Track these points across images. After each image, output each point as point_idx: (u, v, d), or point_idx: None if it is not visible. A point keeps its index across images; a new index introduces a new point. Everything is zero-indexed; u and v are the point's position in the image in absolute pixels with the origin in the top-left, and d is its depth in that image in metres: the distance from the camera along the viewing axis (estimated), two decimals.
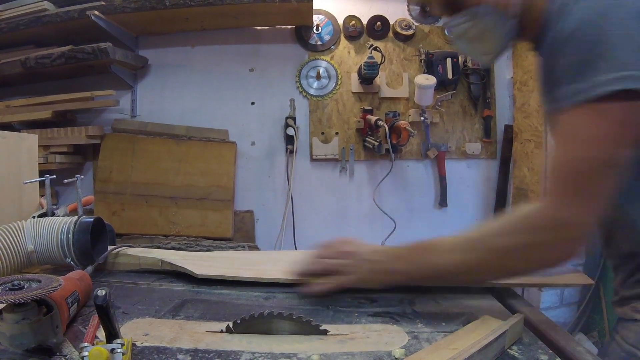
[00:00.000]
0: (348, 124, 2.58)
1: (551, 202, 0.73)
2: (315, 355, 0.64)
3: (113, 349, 0.56)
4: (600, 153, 0.69)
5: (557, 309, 2.42)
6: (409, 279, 0.88)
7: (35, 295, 0.58)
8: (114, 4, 2.18)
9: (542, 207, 0.74)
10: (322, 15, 2.56)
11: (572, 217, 0.71)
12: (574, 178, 0.71)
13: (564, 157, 0.73)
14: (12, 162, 1.24)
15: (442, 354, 0.62)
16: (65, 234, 0.98)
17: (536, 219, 0.74)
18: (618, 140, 0.68)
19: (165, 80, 2.56)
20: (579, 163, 0.71)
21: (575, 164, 0.71)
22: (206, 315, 0.81)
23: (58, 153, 2.31)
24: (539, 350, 0.67)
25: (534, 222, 0.75)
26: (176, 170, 2.41)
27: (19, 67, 2.22)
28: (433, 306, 0.87)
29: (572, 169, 0.71)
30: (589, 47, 0.67)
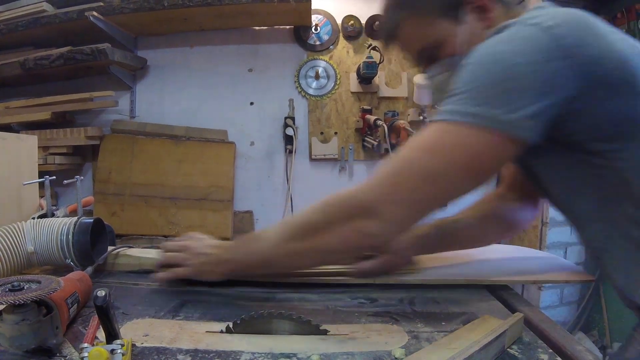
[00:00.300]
0: (347, 123, 2.58)
1: (363, 186, 0.77)
2: (315, 355, 0.64)
3: (113, 349, 0.56)
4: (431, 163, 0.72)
5: (557, 308, 2.42)
6: (237, 268, 0.89)
7: (35, 296, 0.58)
8: (112, 5, 2.18)
9: (354, 188, 0.77)
10: (321, 15, 2.56)
11: (374, 204, 0.73)
12: (396, 175, 0.74)
13: (399, 156, 0.76)
14: (11, 163, 1.24)
15: (442, 353, 0.62)
16: (65, 235, 0.98)
17: (342, 196, 0.78)
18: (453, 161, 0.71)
19: (164, 81, 2.56)
20: (408, 164, 0.74)
21: (404, 164, 0.75)
22: (206, 316, 0.81)
23: (57, 154, 2.31)
24: (538, 350, 0.67)
25: (337, 200, 0.79)
26: (175, 171, 2.41)
27: (18, 68, 2.22)
28: (433, 306, 0.87)
29: (400, 167, 0.75)
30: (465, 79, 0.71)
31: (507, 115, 0.67)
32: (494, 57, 0.70)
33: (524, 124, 0.68)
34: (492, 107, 0.68)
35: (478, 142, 0.69)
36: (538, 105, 0.67)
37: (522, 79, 0.68)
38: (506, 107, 0.68)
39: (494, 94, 0.69)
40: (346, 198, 0.78)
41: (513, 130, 0.68)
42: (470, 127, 0.69)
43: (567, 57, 0.67)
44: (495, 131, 0.68)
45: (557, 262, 1.11)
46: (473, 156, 0.71)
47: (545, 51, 0.67)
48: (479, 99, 0.69)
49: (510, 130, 0.68)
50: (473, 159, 0.71)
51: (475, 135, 0.69)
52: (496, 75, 0.69)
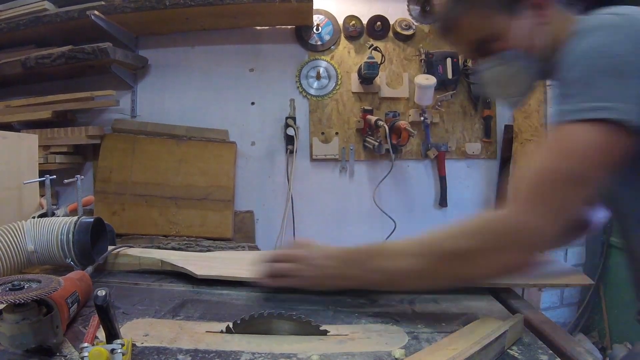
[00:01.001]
0: (348, 124, 2.58)
1: (513, 208, 0.74)
2: (315, 355, 0.64)
3: (113, 349, 0.56)
4: (570, 168, 0.70)
5: (557, 309, 2.42)
6: (359, 284, 0.87)
7: (35, 296, 0.58)
8: (114, 4, 2.18)
9: (503, 213, 0.74)
10: (322, 15, 2.56)
11: (533, 225, 0.71)
12: (541, 187, 0.72)
13: (534, 167, 0.74)
14: (12, 162, 1.24)
15: (442, 354, 0.62)
16: (65, 234, 0.98)
17: (495, 222, 0.75)
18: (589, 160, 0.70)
19: (165, 81, 2.56)
20: (549, 174, 0.72)
21: (544, 174, 0.73)
22: (206, 316, 0.81)
23: (58, 153, 2.31)
24: (539, 351, 0.67)
25: (491, 226, 0.75)
26: (176, 171, 2.41)
27: (19, 67, 2.22)
28: (433, 306, 0.87)
29: (541, 178, 0.73)
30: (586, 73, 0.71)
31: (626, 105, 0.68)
32: (596, 51, 0.71)
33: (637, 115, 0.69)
34: (611, 100, 0.68)
35: (606, 136, 0.69)
36: None
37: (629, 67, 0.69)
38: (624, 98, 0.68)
39: (609, 87, 0.69)
40: (497, 225, 0.74)
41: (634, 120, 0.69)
42: (594, 123, 0.69)
43: None
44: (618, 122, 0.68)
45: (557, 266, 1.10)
46: (606, 151, 0.70)
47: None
48: (594, 94, 0.70)
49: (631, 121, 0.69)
50: (606, 153, 0.70)
51: (602, 130, 0.69)
52: (605, 68, 0.70)
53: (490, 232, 0.74)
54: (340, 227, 2.60)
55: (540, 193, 0.72)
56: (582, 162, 0.70)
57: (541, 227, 0.71)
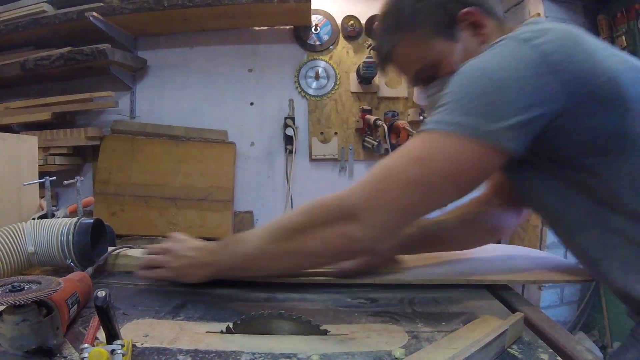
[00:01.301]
0: (347, 123, 2.58)
1: (349, 190, 0.76)
2: (316, 355, 0.64)
3: (113, 350, 0.56)
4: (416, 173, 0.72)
5: (557, 308, 2.42)
6: (219, 270, 0.89)
7: (35, 297, 0.58)
8: (112, 6, 2.19)
9: (339, 193, 0.77)
10: (321, 15, 2.56)
11: (359, 210, 0.73)
12: (380, 181, 0.74)
13: (384, 164, 0.76)
14: (11, 164, 1.24)
15: (442, 353, 0.62)
16: (65, 236, 0.98)
17: (329, 199, 0.78)
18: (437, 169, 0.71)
19: (164, 82, 2.56)
20: (393, 172, 0.74)
21: (389, 171, 0.75)
22: (206, 316, 0.81)
23: (57, 154, 2.31)
24: (539, 349, 0.67)
25: (325, 202, 0.79)
26: (175, 171, 2.41)
27: (18, 68, 2.22)
28: (433, 306, 0.87)
29: (384, 174, 0.75)
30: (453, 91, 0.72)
31: (490, 125, 0.68)
32: (482, 71, 0.71)
33: (508, 134, 0.68)
34: (476, 117, 0.69)
35: (462, 151, 0.70)
36: (522, 117, 0.68)
37: (508, 92, 0.68)
38: (490, 117, 0.68)
39: (479, 105, 0.69)
40: (330, 201, 0.78)
41: (497, 140, 0.69)
42: (454, 136, 0.70)
43: (555, 72, 0.68)
44: (479, 140, 0.69)
45: (557, 262, 1.11)
46: (456, 165, 0.71)
47: (532, 67, 0.68)
48: (464, 110, 0.70)
49: (493, 140, 0.69)
50: (457, 167, 0.71)
51: (459, 145, 0.70)
52: (483, 87, 0.70)
53: (322, 206, 0.79)
54: None
55: (377, 185, 0.74)
56: (429, 170, 0.72)
57: (364, 214, 0.73)
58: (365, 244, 0.77)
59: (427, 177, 0.72)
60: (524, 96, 0.68)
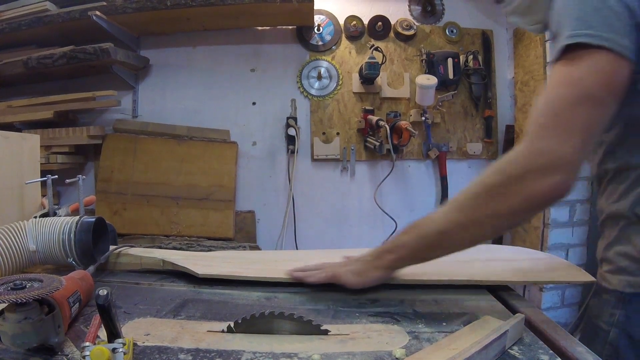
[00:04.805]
0: (349, 124, 2.58)
1: (528, 137, 0.76)
2: (316, 355, 0.64)
3: (114, 348, 0.56)
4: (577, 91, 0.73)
5: (558, 310, 2.42)
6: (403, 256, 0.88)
7: (37, 295, 0.58)
8: (115, 5, 2.19)
9: (520, 145, 0.76)
10: (323, 15, 2.56)
11: (550, 147, 0.72)
12: (549, 115, 0.74)
13: (540, 102, 0.77)
14: (14, 163, 1.25)
15: (442, 354, 0.62)
16: (67, 234, 0.98)
17: (514, 155, 0.76)
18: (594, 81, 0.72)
19: (167, 81, 2.56)
20: (553, 102, 0.75)
21: (550, 104, 0.75)
22: (207, 315, 0.81)
23: (60, 153, 2.31)
24: (539, 351, 0.68)
25: (511, 159, 0.76)
26: (177, 171, 2.41)
27: (20, 67, 2.22)
28: (434, 306, 0.87)
29: (548, 108, 0.75)
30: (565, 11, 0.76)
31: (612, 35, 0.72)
32: None
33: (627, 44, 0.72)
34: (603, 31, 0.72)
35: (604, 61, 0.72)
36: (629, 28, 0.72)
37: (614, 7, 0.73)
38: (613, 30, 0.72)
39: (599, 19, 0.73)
40: (519, 154, 0.76)
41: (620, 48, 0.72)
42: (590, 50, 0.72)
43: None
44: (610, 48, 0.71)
45: (558, 263, 1.10)
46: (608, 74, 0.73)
47: None
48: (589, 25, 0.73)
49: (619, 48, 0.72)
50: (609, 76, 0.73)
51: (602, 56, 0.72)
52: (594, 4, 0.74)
53: (511, 163, 0.76)
54: (341, 227, 2.60)
55: (553, 118, 0.73)
56: (588, 84, 0.72)
57: (559, 148, 0.72)
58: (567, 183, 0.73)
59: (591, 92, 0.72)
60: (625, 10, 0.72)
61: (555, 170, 0.72)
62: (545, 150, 0.73)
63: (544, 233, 2.34)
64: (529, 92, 2.46)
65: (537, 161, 0.73)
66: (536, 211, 0.79)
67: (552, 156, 0.72)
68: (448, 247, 0.85)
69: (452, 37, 2.63)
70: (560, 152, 0.72)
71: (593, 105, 0.72)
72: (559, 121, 0.73)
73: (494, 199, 0.76)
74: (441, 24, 2.64)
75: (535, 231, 2.40)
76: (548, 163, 0.72)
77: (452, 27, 2.64)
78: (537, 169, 0.72)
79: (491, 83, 2.63)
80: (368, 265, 0.91)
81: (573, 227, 2.33)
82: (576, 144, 0.72)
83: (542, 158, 0.72)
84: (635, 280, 0.82)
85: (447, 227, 0.81)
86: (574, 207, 2.34)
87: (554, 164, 0.72)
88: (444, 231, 0.81)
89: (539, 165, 0.72)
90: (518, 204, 0.75)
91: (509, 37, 2.67)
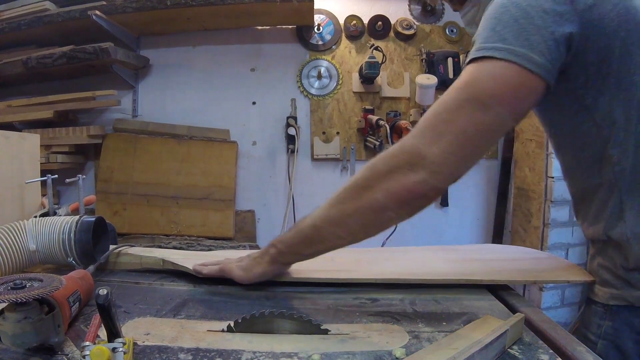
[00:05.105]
0: (349, 123, 2.58)
1: (409, 135, 0.77)
2: (316, 354, 0.64)
3: (114, 348, 0.56)
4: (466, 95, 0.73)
5: (558, 309, 2.42)
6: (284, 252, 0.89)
7: (37, 295, 0.58)
8: (115, 4, 2.19)
9: (400, 141, 0.78)
10: (323, 14, 2.56)
11: (417, 145, 0.74)
12: (430, 115, 0.76)
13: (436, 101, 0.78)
14: (14, 162, 1.25)
15: (442, 353, 0.62)
16: (67, 234, 0.98)
17: (390, 149, 0.78)
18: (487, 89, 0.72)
19: (167, 80, 2.56)
20: (440, 103, 0.76)
21: (436, 104, 0.76)
22: (207, 315, 0.81)
23: (60, 153, 2.31)
24: (539, 350, 0.67)
25: (382, 154, 0.78)
26: (177, 170, 2.41)
27: (20, 67, 2.22)
28: (434, 306, 0.87)
29: (433, 109, 0.76)
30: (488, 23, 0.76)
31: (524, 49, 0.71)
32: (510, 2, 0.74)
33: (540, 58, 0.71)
34: (511, 43, 0.72)
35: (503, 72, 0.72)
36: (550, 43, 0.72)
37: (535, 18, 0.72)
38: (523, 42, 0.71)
39: (514, 32, 0.72)
40: (391, 151, 0.77)
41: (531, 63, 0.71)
42: (495, 60, 0.72)
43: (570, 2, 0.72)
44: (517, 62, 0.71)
45: (558, 262, 1.10)
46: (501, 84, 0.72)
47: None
48: (499, 36, 0.73)
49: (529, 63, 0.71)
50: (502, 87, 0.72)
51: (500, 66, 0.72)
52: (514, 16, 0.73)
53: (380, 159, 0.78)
54: None
55: (432, 119, 0.75)
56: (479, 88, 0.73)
57: (425, 147, 0.73)
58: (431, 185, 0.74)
59: (477, 96, 0.72)
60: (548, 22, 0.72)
61: (417, 169, 0.73)
62: (411, 148, 0.74)
63: (544, 233, 2.34)
64: None
65: (403, 158, 0.74)
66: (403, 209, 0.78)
67: (417, 154, 0.73)
68: (322, 242, 0.85)
69: (452, 36, 2.63)
70: (425, 151, 0.72)
71: (476, 109, 0.72)
72: (434, 122, 0.74)
73: (360, 193, 0.77)
74: (441, 24, 2.64)
75: (535, 231, 2.40)
76: (411, 160, 0.73)
77: (452, 26, 2.64)
78: (402, 166, 0.74)
79: None
80: (254, 262, 0.92)
81: (573, 227, 2.33)
82: (444, 146, 0.72)
83: (407, 155, 0.74)
84: (618, 293, 0.82)
85: (319, 221, 0.82)
86: None
87: (417, 162, 0.73)
88: (316, 225, 0.83)
89: (403, 162, 0.74)
90: (382, 199, 0.76)
91: None
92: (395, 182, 0.74)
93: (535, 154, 2.40)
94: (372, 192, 0.76)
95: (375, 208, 0.77)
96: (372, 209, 0.77)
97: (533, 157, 2.41)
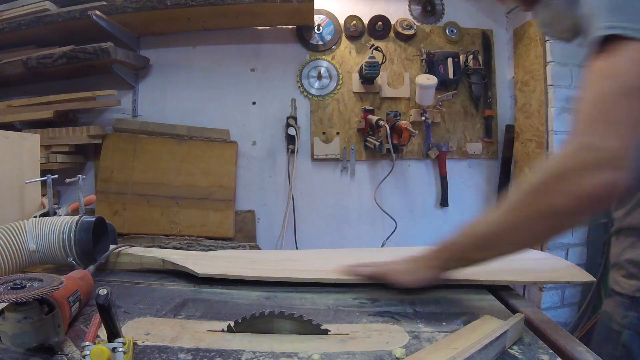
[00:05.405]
0: (349, 123, 2.58)
1: (573, 134, 0.72)
2: (316, 354, 0.64)
3: (114, 348, 0.56)
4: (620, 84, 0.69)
5: (558, 309, 2.42)
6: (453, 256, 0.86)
7: (37, 295, 0.58)
8: (115, 4, 2.19)
9: (569, 141, 0.72)
10: (323, 15, 2.56)
11: (595, 142, 0.68)
12: (593, 109, 0.70)
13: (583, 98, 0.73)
14: (14, 162, 1.25)
15: (442, 353, 0.62)
16: (66, 234, 0.98)
17: (565, 149, 0.72)
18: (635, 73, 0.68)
19: (167, 80, 2.56)
20: (596, 96, 0.71)
21: (593, 98, 0.71)
22: (207, 315, 0.81)
23: (60, 153, 2.31)
24: (539, 350, 0.68)
25: (558, 154, 0.73)
26: (177, 170, 2.41)
27: (20, 67, 2.22)
28: (434, 306, 0.87)
29: (591, 102, 0.71)
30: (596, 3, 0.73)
31: None
32: None
33: None
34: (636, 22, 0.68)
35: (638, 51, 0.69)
36: None
37: None
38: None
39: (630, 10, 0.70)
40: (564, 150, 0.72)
41: None
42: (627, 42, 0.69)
43: None
44: None
45: (558, 263, 1.10)
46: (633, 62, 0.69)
47: None
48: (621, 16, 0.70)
49: None
50: None
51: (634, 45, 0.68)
52: None
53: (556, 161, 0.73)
54: (341, 226, 2.61)
55: (597, 112, 0.70)
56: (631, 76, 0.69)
57: (605, 142, 0.68)
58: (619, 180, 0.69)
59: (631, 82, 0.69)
60: None
61: (601, 167, 0.68)
62: (589, 145, 0.69)
63: None
64: (529, 92, 2.46)
65: (582, 158, 0.69)
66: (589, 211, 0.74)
67: (598, 151, 0.68)
68: (498, 249, 0.82)
69: (452, 36, 2.63)
70: (607, 146, 0.67)
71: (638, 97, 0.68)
72: (603, 115, 0.69)
73: (538, 198, 0.73)
74: (441, 24, 2.64)
75: None
76: (593, 159, 0.68)
77: (452, 26, 2.64)
78: (582, 166, 0.69)
79: (491, 83, 2.63)
80: (419, 264, 0.90)
81: None
82: (623, 137, 0.68)
83: (587, 154, 0.69)
84: None
85: (497, 227, 0.79)
86: None
87: (600, 160, 0.68)
88: (494, 232, 0.79)
89: (583, 161, 0.69)
90: (563, 204, 0.71)
91: (509, 37, 2.67)
92: (579, 184, 0.69)
93: (535, 154, 2.40)
94: (551, 197, 0.72)
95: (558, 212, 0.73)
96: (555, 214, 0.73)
97: (533, 157, 2.42)
